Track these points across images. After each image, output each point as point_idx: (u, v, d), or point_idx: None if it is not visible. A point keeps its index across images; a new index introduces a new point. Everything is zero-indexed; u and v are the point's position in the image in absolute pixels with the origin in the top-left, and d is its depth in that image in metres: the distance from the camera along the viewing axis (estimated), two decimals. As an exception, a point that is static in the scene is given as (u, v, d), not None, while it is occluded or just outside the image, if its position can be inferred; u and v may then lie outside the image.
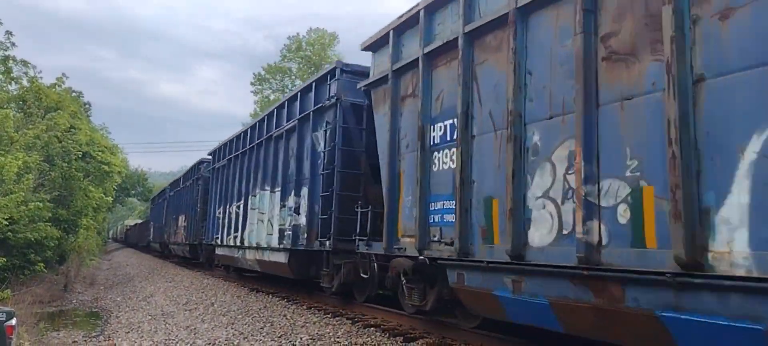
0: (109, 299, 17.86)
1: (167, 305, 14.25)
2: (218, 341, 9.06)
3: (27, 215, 16.18)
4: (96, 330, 12.55)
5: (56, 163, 20.34)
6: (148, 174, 74.25)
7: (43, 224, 17.50)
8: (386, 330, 8.81)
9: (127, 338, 10.35)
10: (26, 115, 21.45)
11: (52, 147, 20.07)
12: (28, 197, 16.46)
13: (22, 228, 16.22)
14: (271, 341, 8.82)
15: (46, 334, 11.30)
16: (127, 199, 71.45)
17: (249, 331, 9.80)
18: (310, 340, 8.65)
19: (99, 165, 24.50)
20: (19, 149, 17.84)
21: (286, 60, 45.09)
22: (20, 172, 16.42)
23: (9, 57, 22.64)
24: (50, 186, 19.64)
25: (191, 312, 12.72)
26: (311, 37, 44.37)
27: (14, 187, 15.76)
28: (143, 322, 12.14)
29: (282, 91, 45.50)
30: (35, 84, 22.95)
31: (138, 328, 11.46)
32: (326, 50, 44.04)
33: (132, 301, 16.49)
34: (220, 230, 18.13)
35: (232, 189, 17.32)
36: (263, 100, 44.76)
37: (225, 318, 11.42)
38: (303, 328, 9.72)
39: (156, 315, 12.81)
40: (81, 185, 22.23)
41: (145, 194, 62.59)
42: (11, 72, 22.97)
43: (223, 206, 18.19)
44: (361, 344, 8.13)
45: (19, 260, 17.00)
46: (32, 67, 23.62)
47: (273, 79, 45.50)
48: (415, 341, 8.02)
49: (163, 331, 10.70)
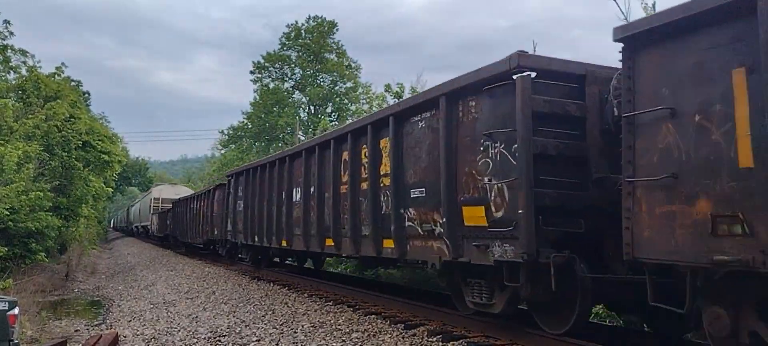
0: (110, 288, 17.92)
1: (169, 294, 14.30)
2: (220, 329, 9.09)
3: (27, 204, 16.17)
4: (98, 319, 12.60)
5: (56, 152, 20.31)
6: (148, 163, 74.28)
7: (44, 214, 17.50)
8: (387, 317, 8.84)
9: (129, 327, 10.39)
10: (26, 105, 21.37)
11: (51, 136, 20.02)
12: (29, 187, 16.45)
13: (23, 217, 16.21)
14: (273, 328, 8.86)
15: (48, 323, 11.33)
16: (127, 188, 71.46)
17: (250, 319, 9.84)
18: (311, 327, 8.68)
19: (99, 154, 24.43)
20: (18, 139, 17.80)
21: (286, 48, 44.90)
22: (20, 161, 16.41)
23: (7, 46, 22.54)
24: (50, 175, 19.61)
25: (192, 301, 12.77)
26: (310, 25, 44.15)
27: (15, 176, 15.76)
28: (145, 310, 12.18)
29: (282, 80, 45.34)
30: (34, 73, 22.85)
31: (140, 316, 11.51)
32: (325, 38, 43.84)
33: (133, 290, 16.54)
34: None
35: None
36: (263, 88, 44.61)
37: (226, 306, 11.46)
38: (304, 316, 9.75)
39: (157, 304, 12.86)
40: (81, 174, 22.20)
41: (145, 184, 62.49)
42: (9, 61, 22.88)
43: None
44: (363, 331, 8.16)
45: (21, 249, 17.00)
46: (31, 57, 23.52)
47: (272, 67, 45.32)
48: (416, 328, 8.05)
49: (164, 319, 10.74)
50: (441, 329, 7.81)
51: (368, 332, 8.10)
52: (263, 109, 42.95)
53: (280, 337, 8.22)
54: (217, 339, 8.44)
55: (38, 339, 9.58)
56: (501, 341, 6.99)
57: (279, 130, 41.40)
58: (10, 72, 23.22)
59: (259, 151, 42.03)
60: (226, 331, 8.95)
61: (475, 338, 7.24)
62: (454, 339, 7.29)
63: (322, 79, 43.98)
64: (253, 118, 43.53)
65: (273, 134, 42.23)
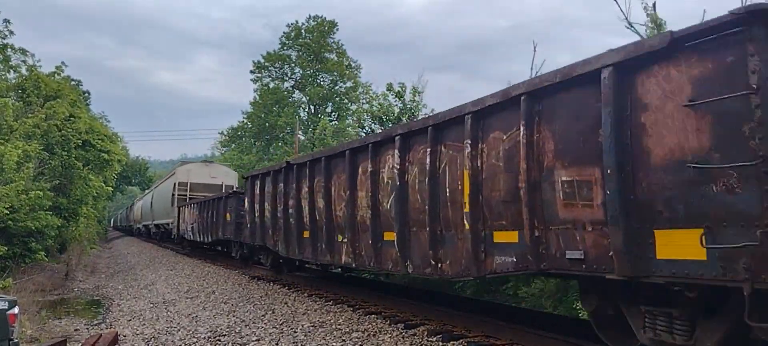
0: (110, 288, 17.90)
1: (168, 293, 14.30)
2: (219, 329, 9.09)
3: (27, 203, 16.17)
4: (98, 318, 12.58)
5: (56, 151, 20.31)
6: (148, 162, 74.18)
7: (44, 213, 17.49)
8: (387, 317, 8.84)
9: (129, 326, 10.38)
10: (25, 104, 21.38)
11: (51, 136, 20.02)
12: (29, 186, 16.45)
13: (23, 217, 16.21)
14: (273, 328, 8.86)
15: (48, 322, 11.32)
16: (127, 187, 71.41)
17: (250, 318, 9.84)
18: (311, 327, 8.68)
19: (99, 153, 24.45)
20: (18, 138, 17.81)
21: (286, 48, 44.93)
22: (20, 160, 16.41)
23: (7, 45, 22.55)
24: (50, 175, 19.61)
25: (192, 300, 12.76)
26: (310, 25, 44.18)
27: (14, 175, 15.76)
28: (145, 310, 12.18)
29: (282, 79, 45.36)
30: (34, 73, 22.86)
31: (140, 316, 11.50)
32: (325, 38, 43.87)
33: (133, 289, 16.53)
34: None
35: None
36: (263, 88, 44.63)
37: (226, 306, 11.46)
38: (304, 315, 9.75)
39: (157, 303, 12.85)
40: (81, 173, 22.20)
41: (145, 183, 62.42)
42: (9, 60, 22.89)
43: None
44: (362, 330, 8.16)
45: (20, 248, 17.00)
46: (31, 56, 23.53)
47: (272, 66, 45.36)
48: (416, 327, 8.05)
49: (164, 319, 10.73)
50: (441, 328, 7.81)
51: (368, 331, 8.10)
52: (263, 108, 42.99)
53: (280, 336, 8.21)
54: (217, 339, 8.44)
55: (38, 338, 9.58)
56: (501, 341, 6.99)
57: (279, 129, 41.43)
58: (10, 71, 23.24)
59: (259, 150, 42.05)
60: (226, 330, 8.94)
61: (475, 337, 7.24)
62: (454, 339, 7.29)
63: (322, 79, 44.02)
64: (253, 117, 43.57)
65: (273, 134, 42.25)
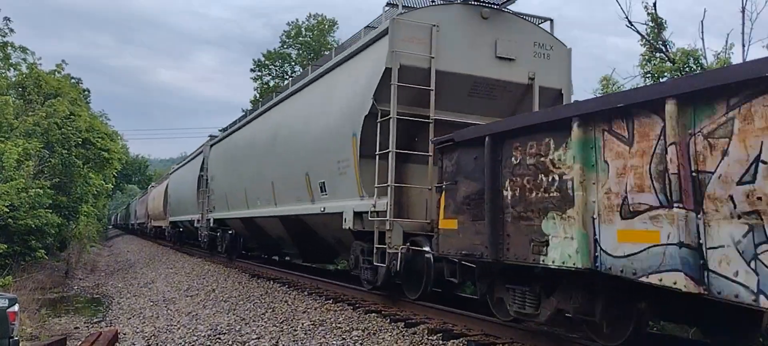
0: (110, 286, 17.92)
1: (168, 291, 14.30)
2: (220, 327, 9.09)
3: (27, 201, 16.18)
4: (98, 316, 12.60)
5: (56, 149, 20.32)
6: (148, 161, 74.23)
7: (44, 211, 17.50)
8: (386, 316, 8.84)
9: (129, 324, 10.39)
10: (26, 102, 21.40)
11: (51, 134, 20.03)
12: (29, 184, 16.46)
13: (23, 215, 16.22)
14: (273, 326, 8.86)
15: (48, 320, 11.34)
16: (127, 185, 71.43)
17: (250, 316, 9.84)
18: (311, 325, 8.68)
19: (99, 152, 24.44)
20: (19, 136, 17.82)
21: (286, 46, 44.90)
22: (20, 158, 16.42)
23: (7, 43, 22.55)
24: (50, 173, 19.62)
25: (192, 298, 12.76)
26: (311, 23, 44.16)
27: (15, 173, 15.77)
28: (145, 308, 12.19)
29: (282, 78, 45.33)
30: (35, 71, 22.88)
31: (139, 314, 11.51)
32: (326, 36, 43.84)
33: (133, 287, 16.54)
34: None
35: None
36: (263, 86, 44.59)
37: (226, 304, 11.46)
38: (304, 313, 9.75)
39: (157, 301, 12.86)
40: (81, 171, 22.21)
41: (145, 182, 62.39)
42: (9, 58, 22.90)
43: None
44: (363, 329, 8.16)
45: (20, 246, 17.01)
46: (31, 54, 23.54)
47: (273, 65, 45.33)
48: (417, 326, 8.05)
49: (164, 317, 10.74)
50: (441, 327, 7.80)
51: (368, 330, 8.10)
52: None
53: (280, 335, 8.21)
54: (217, 337, 8.44)
55: (38, 336, 9.59)
56: (501, 340, 6.99)
57: (279, 128, 41.37)
58: (10, 69, 23.24)
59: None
60: (226, 329, 8.94)
61: (475, 336, 7.24)
62: (453, 338, 7.28)
63: (322, 78, 43.98)
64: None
65: (273, 133, 42.17)
